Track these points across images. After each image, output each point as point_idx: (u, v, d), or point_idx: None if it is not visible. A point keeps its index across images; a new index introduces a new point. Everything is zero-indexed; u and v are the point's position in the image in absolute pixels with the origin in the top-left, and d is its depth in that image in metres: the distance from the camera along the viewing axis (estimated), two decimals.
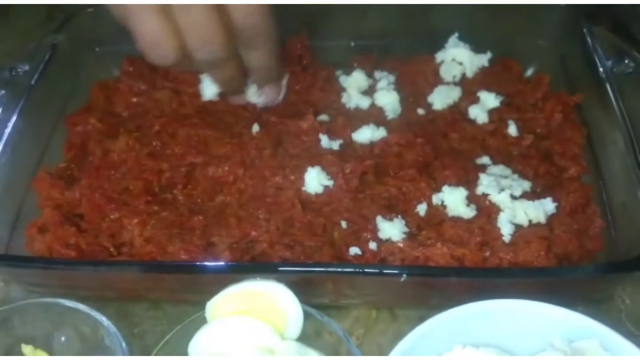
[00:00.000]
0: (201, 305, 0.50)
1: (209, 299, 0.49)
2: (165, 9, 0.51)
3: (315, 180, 0.59)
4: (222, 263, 0.54)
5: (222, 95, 0.64)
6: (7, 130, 0.61)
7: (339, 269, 0.50)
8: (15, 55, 0.68)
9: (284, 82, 0.66)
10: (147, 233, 0.57)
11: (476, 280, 0.50)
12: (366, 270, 0.49)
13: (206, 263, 0.53)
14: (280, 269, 0.50)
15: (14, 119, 0.62)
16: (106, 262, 0.54)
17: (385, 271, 0.49)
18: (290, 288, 0.49)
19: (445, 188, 0.58)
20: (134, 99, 0.68)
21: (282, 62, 0.62)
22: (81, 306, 0.51)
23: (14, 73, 0.65)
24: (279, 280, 0.49)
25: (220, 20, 0.53)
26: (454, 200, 0.57)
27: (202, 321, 0.50)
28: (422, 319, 0.56)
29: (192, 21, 0.52)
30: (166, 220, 0.58)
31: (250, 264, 0.54)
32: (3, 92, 0.63)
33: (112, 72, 0.72)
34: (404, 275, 0.48)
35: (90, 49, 0.73)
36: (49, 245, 0.56)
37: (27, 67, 0.65)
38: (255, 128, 0.64)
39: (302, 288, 0.50)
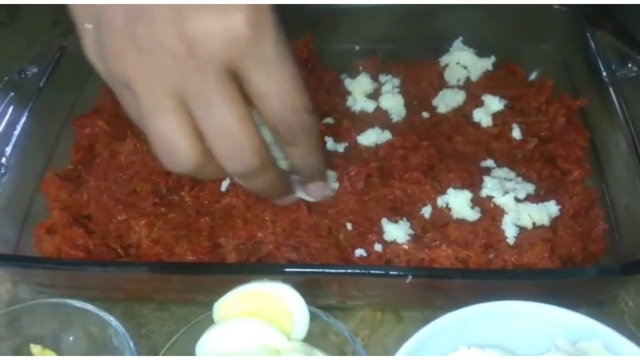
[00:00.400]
0: (207, 306, 0.50)
1: (215, 300, 0.50)
2: (185, 106, 0.44)
3: None
4: (229, 264, 0.54)
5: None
6: (16, 132, 0.62)
7: (345, 270, 0.50)
8: (24, 58, 0.69)
9: (332, 175, 0.60)
10: (155, 234, 0.57)
11: (481, 281, 0.51)
12: (372, 271, 0.50)
13: (213, 264, 0.53)
14: (287, 270, 0.51)
15: (22, 120, 0.62)
16: (114, 263, 0.55)
17: (391, 272, 0.49)
18: (296, 289, 0.50)
19: (450, 190, 0.58)
20: None
21: (323, 155, 0.53)
22: (89, 306, 0.52)
23: (22, 75, 0.65)
24: (285, 281, 0.50)
25: (249, 121, 0.44)
26: (458, 202, 0.57)
27: (210, 322, 0.50)
28: (427, 321, 0.57)
29: (214, 122, 0.44)
30: (173, 221, 0.58)
31: (257, 265, 0.55)
32: (12, 94, 0.64)
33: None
34: (410, 276, 0.49)
35: None
36: (57, 246, 0.57)
37: (35, 70, 0.66)
38: None
39: (308, 289, 0.50)
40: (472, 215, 0.57)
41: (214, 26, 0.41)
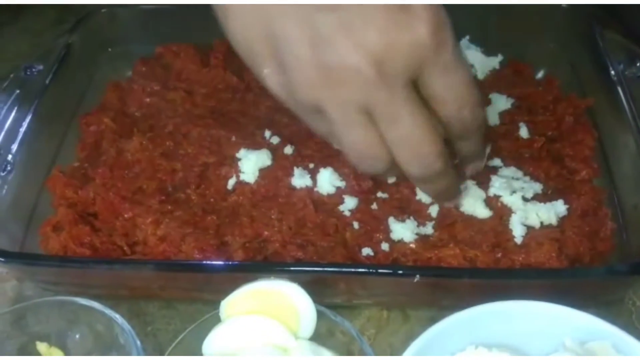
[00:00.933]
0: (213, 305, 0.50)
1: (221, 298, 0.50)
2: (372, 119, 0.46)
3: (327, 181, 0.59)
4: (235, 262, 0.54)
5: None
6: (22, 130, 0.61)
7: (352, 269, 0.50)
8: (28, 56, 0.69)
9: (487, 150, 0.59)
10: (161, 232, 0.57)
11: (489, 281, 0.51)
12: (379, 270, 0.49)
13: (220, 262, 0.53)
14: (294, 268, 0.51)
15: (28, 118, 0.62)
16: (121, 261, 0.55)
17: (398, 272, 0.49)
18: (302, 288, 0.49)
19: (467, 183, 0.58)
20: (147, 99, 0.69)
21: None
22: (95, 304, 0.51)
23: (28, 73, 0.65)
24: (292, 280, 0.50)
25: (432, 128, 0.46)
26: (471, 200, 0.57)
27: (216, 320, 0.50)
28: (433, 320, 0.56)
29: (400, 134, 0.46)
30: (180, 219, 0.58)
31: (263, 264, 0.55)
32: (18, 91, 0.64)
33: (125, 73, 0.73)
34: (417, 276, 0.49)
35: (104, 50, 0.74)
36: (63, 243, 0.56)
37: (41, 67, 0.66)
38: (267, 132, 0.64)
39: (315, 288, 0.50)
40: (484, 213, 0.57)
41: (399, 41, 0.43)
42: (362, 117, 0.46)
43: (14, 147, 0.60)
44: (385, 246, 0.55)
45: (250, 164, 0.61)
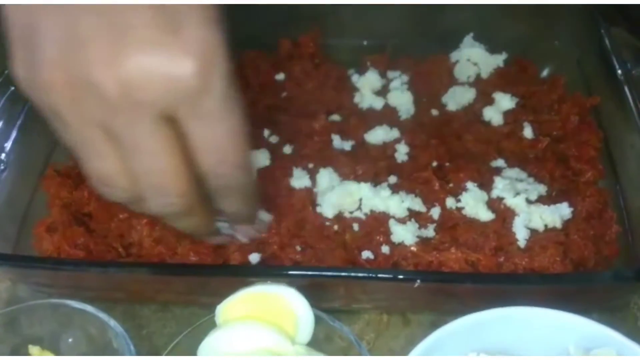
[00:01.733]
0: (210, 308, 0.49)
1: (218, 301, 0.49)
2: (117, 145, 0.41)
3: (327, 182, 0.58)
4: (232, 265, 0.53)
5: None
6: (16, 127, 0.60)
7: (352, 274, 0.49)
8: None
9: (265, 217, 0.56)
10: (157, 234, 0.56)
11: (491, 286, 0.49)
12: (379, 275, 0.48)
13: (216, 265, 0.52)
14: (291, 272, 0.49)
15: (22, 115, 0.61)
16: (115, 264, 0.53)
17: (399, 276, 0.48)
18: (300, 290, 0.48)
19: (469, 185, 0.57)
20: None
21: (257, 204, 0.52)
22: (89, 307, 0.50)
23: None
24: (290, 284, 0.48)
25: (180, 166, 0.42)
26: (473, 202, 0.56)
27: (212, 324, 0.49)
28: (434, 324, 0.55)
29: (139, 166, 0.42)
30: None
31: (260, 268, 0.53)
32: (12, 88, 0.62)
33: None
34: (418, 281, 0.47)
35: None
36: (57, 245, 0.55)
37: None
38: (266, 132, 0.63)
39: (313, 292, 0.49)
40: (486, 215, 0.55)
41: (155, 70, 0.38)
42: (102, 137, 0.41)
43: (8, 145, 0.59)
44: (385, 249, 0.54)
45: None
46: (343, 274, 0.49)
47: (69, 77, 0.39)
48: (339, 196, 0.56)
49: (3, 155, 0.58)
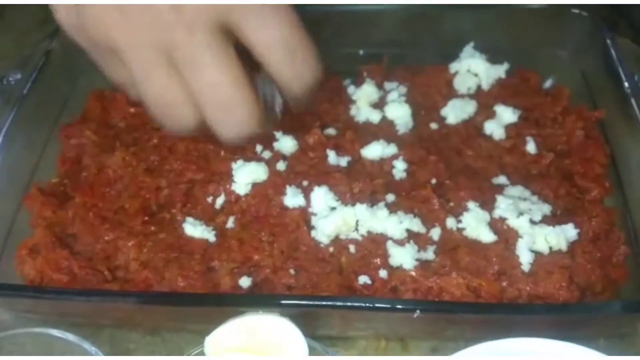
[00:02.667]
0: (201, 334, 0.47)
1: (209, 328, 0.46)
2: (177, 69, 0.42)
3: (322, 201, 0.55)
4: (221, 295, 0.50)
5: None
6: None
7: (348, 303, 0.46)
8: (8, 61, 0.65)
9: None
10: (144, 257, 0.53)
11: (494, 316, 0.47)
12: (377, 305, 0.46)
13: (204, 295, 0.49)
14: (284, 302, 0.47)
15: (4, 130, 0.58)
16: (98, 292, 0.51)
17: (397, 306, 0.46)
18: (294, 319, 0.46)
19: (470, 204, 0.55)
20: (132, 109, 0.65)
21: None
22: (70, 336, 0.48)
23: (5, 82, 0.61)
24: (283, 312, 0.46)
25: (245, 81, 0.42)
26: (474, 222, 0.53)
27: (201, 356, 0.47)
28: (434, 350, 0.54)
29: (204, 85, 0.42)
30: (164, 242, 0.54)
31: (251, 297, 0.51)
32: None
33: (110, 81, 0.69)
34: (418, 311, 0.45)
35: (87, 56, 0.70)
36: (39, 268, 0.53)
37: (19, 76, 0.62)
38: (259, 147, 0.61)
39: (307, 320, 0.47)
40: (488, 237, 0.53)
41: None
42: (163, 60, 0.41)
43: None
44: (383, 273, 0.51)
45: (245, 175, 0.57)
46: (338, 303, 0.47)
47: (122, 8, 0.41)
48: (335, 225, 0.53)
49: None
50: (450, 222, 0.54)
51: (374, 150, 0.60)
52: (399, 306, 0.46)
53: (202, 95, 0.42)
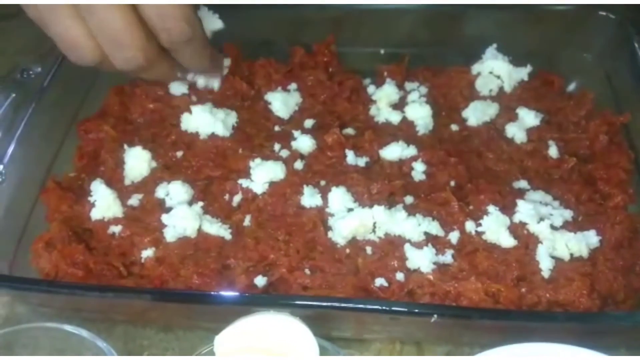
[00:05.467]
0: (214, 331, 0.46)
1: (223, 326, 0.46)
2: (78, 10, 0.50)
3: (339, 202, 0.55)
4: (235, 294, 0.50)
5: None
6: (17, 135, 0.58)
7: (363, 306, 0.46)
8: (28, 55, 0.65)
9: (225, 64, 0.65)
10: (159, 253, 0.53)
11: (512, 322, 0.46)
12: (393, 308, 0.45)
13: (218, 293, 0.49)
14: (299, 302, 0.46)
15: (23, 124, 0.59)
16: (112, 288, 0.51)
17: (414, 310, 0.45)
18: (308, 320, 0.45)
19: (490, 208, 0.54)
20: (151, 105, 0.65)
21: (215, 56, 0.62)
22: (84, 332, 0.48)
23: (25, 75, 0.61)
24: (297, 313, 0.46)
25: (134, 22, 0.51)
26: (494, 226, 0.53)
27: (212, 355, 0.46)
28: (449, 354, 0.53)
29: (100, 23, 0.50)
30: (180, 239, 0.54)
31: (266, 296, 0.51)
32: (13, 95, 0.60)
33: (129, 75, 0.69)
34: (435, 316, 0.44)
35: None
36: (54, 263, 0.53)
37: (39, 69, 0.62)
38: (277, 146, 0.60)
39: (322, 321, 0.46)
40: (507, 242, 0.52)
41: None
42: (65, 3, 0.49)
43: (7, 155, 0.57)
44: (400, 276, 0.51)
45: (262, 174, 0.57)
46: (354, 305, 0.46)
47: None
48: (352, 226, 0.53)
49: (1, 166, 0.56)
50: (470, 226, 0.53)
51: (393, 151, 0.59)
52: (416, 310, 0.45)
53: (96, 31, 0.51)
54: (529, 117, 0.61)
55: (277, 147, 0.60)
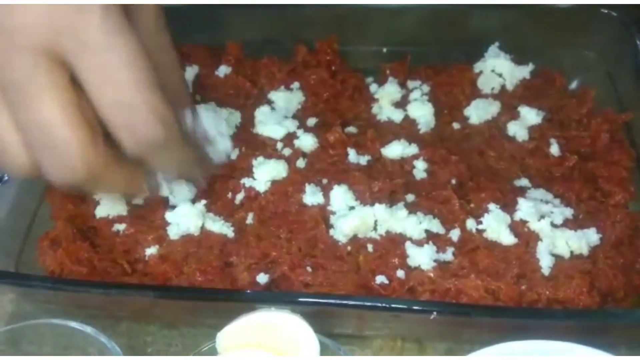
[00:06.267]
0: (218, 328, 0.47)
1: (226, 323, 0.47)
2: (4, 98, 0.37)
3: (341, 200, 0.55)
4: (238, 291, 0.50)
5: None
6: None
7: (364, 303, 0.46)
8: None
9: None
10: (163, 250, 0.54)
11: (512, 320, 0.46)
12: (393, 305, 0.46)
13: (221, 290, 0.50)
14: (300, 299, 0.47)
15: None
16: (116, 285, 0.51)
17: (414, 307, 0.45)
18: (310, 317, 0.46)
19: (491, 206, 0.54)
20: None
21: (202, 157, 0.53)
22: (88, 329, 0.49)
23: None
24: (298, 309, 0.46)
25: (74, 115, 0.37)
26: (495, 224, 0.53)
27: (214, 351, 0.47)
28: (450, 351, 0.53)
29: (28, 113, 0.36)
30: (183, 236, 0.55)
31: (269, 293, 0.51)
32: None
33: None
34: (434, 313, 0.45)
35: None
36: (59, 260, 0.53)
37: None
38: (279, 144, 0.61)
39: (323, 318, 0.47)
40: (508, 239, 0.52)
41: (35, 8, 0.35)
42: None
43: None
44: (401, 273, 0.51)
45: (265, 172, 0.58)
46: (355, 302, 0.46)
47: None
48: (353, 224, 0.53)
49: None
50: (470, 224, 0.54)
51: (395, 150, 0.59)
52: (416, 307, 0.46)
53: (26, 132, 0.37)
54: (530, 115, 0.61)
55: (279, 145, 0.61)
